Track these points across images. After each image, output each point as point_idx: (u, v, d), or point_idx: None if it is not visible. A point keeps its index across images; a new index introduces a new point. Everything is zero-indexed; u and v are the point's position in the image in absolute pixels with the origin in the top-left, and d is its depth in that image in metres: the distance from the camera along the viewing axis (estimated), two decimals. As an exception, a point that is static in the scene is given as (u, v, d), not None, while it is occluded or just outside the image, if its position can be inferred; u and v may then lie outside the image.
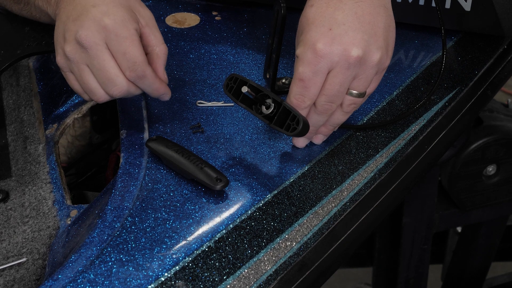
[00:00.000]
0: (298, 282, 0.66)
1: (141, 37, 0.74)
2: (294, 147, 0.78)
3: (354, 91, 0.71)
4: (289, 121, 0.71)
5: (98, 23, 0.71)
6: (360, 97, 0.72)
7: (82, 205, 0.78)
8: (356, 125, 0.81)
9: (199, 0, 1.05)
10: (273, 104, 0.72)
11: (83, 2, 0.73)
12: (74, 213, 0.77)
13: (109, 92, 0.74)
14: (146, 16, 0.76)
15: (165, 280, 0.63)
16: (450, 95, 0.86)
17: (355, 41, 0.68)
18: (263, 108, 0.72)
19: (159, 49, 0.76)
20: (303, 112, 0.72)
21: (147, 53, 0.76)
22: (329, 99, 0.71)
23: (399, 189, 0.77)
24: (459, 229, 1.51)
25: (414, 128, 0.82)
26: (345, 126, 0.81)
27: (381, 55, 0.69)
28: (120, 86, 0.73)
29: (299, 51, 0.70)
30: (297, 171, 0.75)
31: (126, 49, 0.71)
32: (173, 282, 0.63)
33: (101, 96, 0.75)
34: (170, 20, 1.00)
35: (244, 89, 0.71)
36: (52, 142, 0.87)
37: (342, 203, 0.72)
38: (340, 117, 0.74)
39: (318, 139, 0.78)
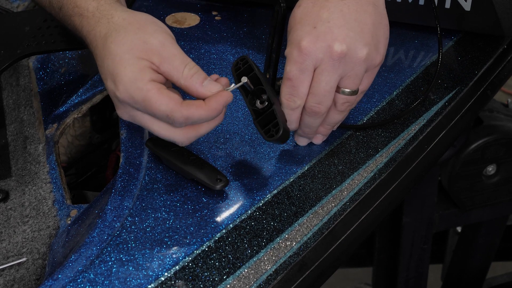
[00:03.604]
0: (298, 282, 0.66)
1: (165, 77, 0.68)
2: (294, 146, 0.78)
3: (346, 89, 0.71)
4: (270, 126, 0.71)
5: (117, 99, 0.68)
6: (353, 95, 0.72)
7: (82, 205, 0.78)
8: (354, 125, 0.81)
9: (199, 0, 1.05)
10: (266, 102, 0.72)
11: (101, 76, 0.70)
12: (74, 213, 0.77)
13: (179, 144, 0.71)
14: (156, 50, 0.67)
15: (165, 279, 0.63)
16: (450, 95, 0.86)
17: (339, 37, 0.68)
18: (258, 101, 0.72)
19: (184, 79, 0.67)
20: (294, 114, 0.72)
21: (181, 88, 0.69)
22: (317, 100, 0.71)
23: (399, 189, 0.77)
24: (459, 229, 1.52)
25: (414, 128, 0.82)
26: (344, 126, 0.81)
27: (368, 51, 0.69)
28: (179, 139, 0.69)
29: (286, 51, 0.71)
30: (297, 171, 0.75)
31: (151, 110, 0.66)
32: (173, 282, 0.63)
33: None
34: (170, 20, 1.00)
35: (244, 79, 0.70)
36: (52, 142, 0.87)
37: (342, 203, 0.72)
38: (336, 117, 0.74)
39: (318, 139, 0.78)
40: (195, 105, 0.67)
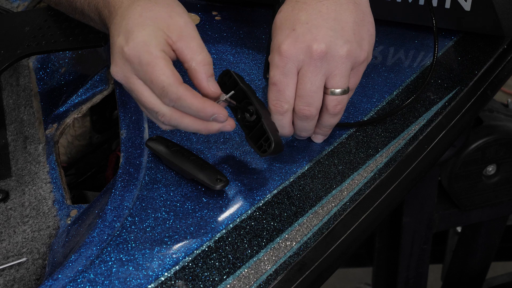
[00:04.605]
0: (298, 282, 0.66)
1: (176, 54, 0.68)
2: (293, 147, 0.78)
3: (336, 90, 0.71)
4: (262, 141, 0.71)
5: (121, 55, 0.67)
6: (344, 94, 0.71)
7: (82, 205, 0.78)
8: (354, 123, 0.81)
9: (199, 0, 1.05)
10: (255, 115, 0.72)
11: (112, 32, 0.69)
12: (74, 212, 0.77)
13: (159, 121, 0.69)
14: (178, 27, 0.67)
15: (165, 279, 0.64)
16: (450, 95, 0.86)
17: (317, 37, 0.68)
18: (247, 114, 0.72)
19: (196, 62, 0.67)
20: (284, 119, 0.72)
21: (186, 69, 0.68)
22: (305, 101, 0.70)
23: (399, 189, 0.77)
24: (459, 229, 1.52)
25: (414, 128, 0.82)
26: (340, 125, 0.80)
27: (349, 48, 0.69)
28: (162, 113, 0.67)
29: (269, 57, 0.71)
30: (297, 171, 0.75)
31: (150, 76, 0.65)
32: (173, 282, 0.63)
33: (160, 124, 0.70)
34: (170, 20, 1.00)
35: (223, 96, 0.69)
36: (52, 142, 0.87)
37: (342, 203, 0.72)
38: (330, 120, 0.74)
39: (318, 139, 0.78)
40: (193, 92, 0.66)
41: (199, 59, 0.67)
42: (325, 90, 0.71)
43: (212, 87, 0.68)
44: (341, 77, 0.70)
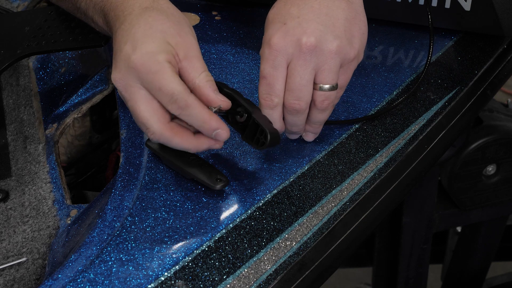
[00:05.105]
0: (298, 282, 0.66)
1: (180, 72, 0.68)
2: (293, 146, 0.78)
3: (324, 85, 0.71)
4: (258, 135, 0.71)
5: (127, 63, 0.66)
6: (332, 90, 0.71)
7: (82, 204, 0.78)
8: (348, 120, 0.81)
9: (199, 0, 1.05)
10: (245, 115, 0.72)
11: (119, 38, 0.69)
12: (74, 212, 0.77)
13: (148, 136, 0.69)
14: (185, 47, 0.68)
15: (165, 279, 0.64)
16: (450, 95, 0.86)
17: (307, 30, 0.69)
18: (237, 117, 0.72)
19: (199, 79, 0.68)
20: (275, 113, 0.72)
21: (191, 89, 0.68)
22: (295, 95, 0.70)
23: (399, 189, 0.77)
24: (459, 229, 1.52)
25: (414, 128, 0.82)
26: (330, 122, 0.80)
27: (338, 44, 0.69)
28: (152, 130, 0.67)
29: (260, 50, 0.71)
30: (297, 171, 0.75)
31: (159, 83, 0.65)
32: (173, 282, 0.63)
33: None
34: (170, 20, 1.00)
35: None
36: (52, 142, 0.87)
37: (342, 203, 0.72)
38: (319, 116, 0.74)
39: (309, 137, 0.78)
40: (201, 103, 0.67)
41: (202, 76, 0.68)
42: (314, 86, 0.71)
43: (222, 97, 0.68)
44: (329, 72, 0.70)
